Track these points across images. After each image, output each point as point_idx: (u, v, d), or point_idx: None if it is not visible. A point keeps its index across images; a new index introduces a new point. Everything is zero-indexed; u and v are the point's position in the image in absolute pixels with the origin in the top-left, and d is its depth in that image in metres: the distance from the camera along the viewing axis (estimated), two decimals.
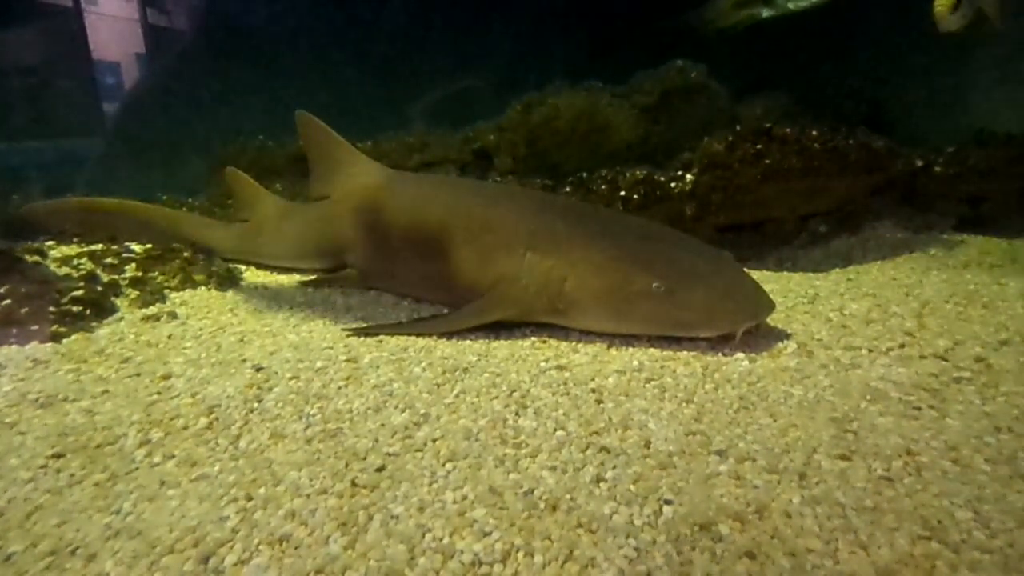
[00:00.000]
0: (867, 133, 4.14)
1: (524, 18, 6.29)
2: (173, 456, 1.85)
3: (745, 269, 2.87)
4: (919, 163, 4.35)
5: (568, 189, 4.22)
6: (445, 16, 6.44)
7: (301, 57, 6.56)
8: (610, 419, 1.98)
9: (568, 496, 1.60)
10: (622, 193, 4.05)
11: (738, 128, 4.09)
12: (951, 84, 5.76)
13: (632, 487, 1.63)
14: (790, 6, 4.65)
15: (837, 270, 3.73)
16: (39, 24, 7.36)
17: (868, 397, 2.06)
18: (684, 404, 2.07)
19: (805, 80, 5.73)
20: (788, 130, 3.99)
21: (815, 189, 4.06)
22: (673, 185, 4.04)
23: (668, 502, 1.56)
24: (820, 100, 5.49)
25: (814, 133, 3.99)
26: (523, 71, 5.41)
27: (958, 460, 1.69)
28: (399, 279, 3.50)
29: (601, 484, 1.65)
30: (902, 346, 2.45)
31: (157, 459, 1.84)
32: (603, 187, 4.11)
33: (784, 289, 3.27)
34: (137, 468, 1.80)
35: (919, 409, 1.97)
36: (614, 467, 1.72)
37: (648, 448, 1.81)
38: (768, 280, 3.45)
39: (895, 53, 5.80)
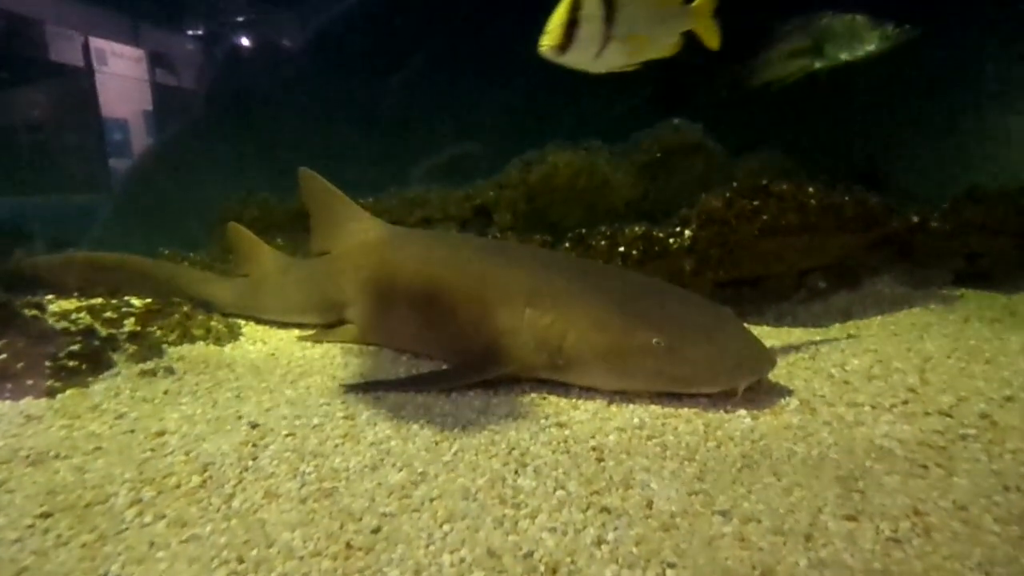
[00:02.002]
0: (863, 190, 4.19)
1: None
2: (164, 516, 1.81)
3: (745, 324, 2.86)
4: (915, 219, 4.38)
5: (567, 245, 4.24)
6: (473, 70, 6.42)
7: (305, 120, 6.67)
8: (611, 478, 1.95)
9: (569, 559, 1.56)
10: (621, 249, 4.06)
11: (735, 185, 4.14)
12: (941, 141, 5.87)
13: (634, 549, 1.58)
14: (843, 57, 4.64)
15: (837, 325, 3.72)
16: (51, 83, 7.56)
17: (873, 455, 2.03)
18: (686, 463, 2.04)
19: (801, 138, 5.82)
20: (785, 186, 4.03)
21: (813, 245, 4.08)
22: (672, 241, 4.06)
23: (671, 565, 1.52)
24: (816, 158, 5.56)
25: (811, 190, 4.03)
26: (574, 126, 5.38)
27: (967, 520, 1.65)
28: (398, 334, 3.49)
29: (602, 546, 1.61)
30: (905, 403, 2.43)
31: (148, 519, 1.80)
32: (602, 243, 4.13)
33: (784, 344, 3.25)
34: (127, 528, 1.76)
35: (926, 467, 1.94)
36: (616, 528, 1.68)
37: (650, 508, 1.77)
38: (768, 335, 3.44)
39: (888, 112, 5.92)
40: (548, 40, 2.42)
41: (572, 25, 2.41)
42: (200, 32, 8.37)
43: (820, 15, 4.87)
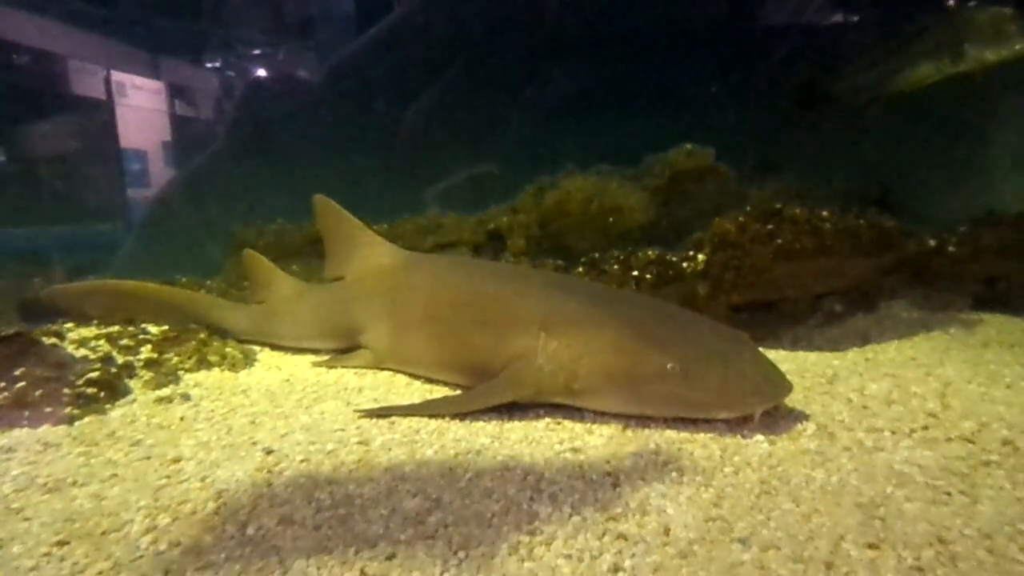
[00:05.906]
0: (878, 214, 4.16)
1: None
2: (179, 543, 1.81)
3: (760, 349, 2.84)
4: (932, 243, 4.35)
5: (581, 270, 4.24)
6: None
7: (322, 148, 6.75)
8: (627, 504, 1.93)
9: None
10: (635, 273, 4.06)
11: (748, 208, 4.13)
12: (957, 167, 5.82)
13: None
14: (988, 56, 4.07)
15: (854, 349, 3.69)
16: (72, 115, 7.74)
17: (894, 481, 2.00)
18: (703, 488, 2.02)
19: (814, 162, 5.80)
20: (798, 210, 4.02)
21: (828, 269, 4.05)
22: (685, 265, 4.05)
23: None
24: (829, 182, 5.53)
25: (825, 213, 4.02)
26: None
27: (993, 549, 1.62)
28: (413, 359, 3.49)
29: (619, 573, 1.59)
30: (926, 428, 2.39)
31: (163, 546, 1.80)
32: (616, 267, 4.13)
33: (801, 369, 3.23)
34: (142, 556, 1.76)
35: (949, 495, 1.90)
36: (632, 555, 1.65)
37: (667, 535, 1.75)
38: (784, 360, 3.41)
39: (903, 135, 5.88)
40: None
41: None
42: (219, 64, 8.55)
43: (961, 8, 4.31)
